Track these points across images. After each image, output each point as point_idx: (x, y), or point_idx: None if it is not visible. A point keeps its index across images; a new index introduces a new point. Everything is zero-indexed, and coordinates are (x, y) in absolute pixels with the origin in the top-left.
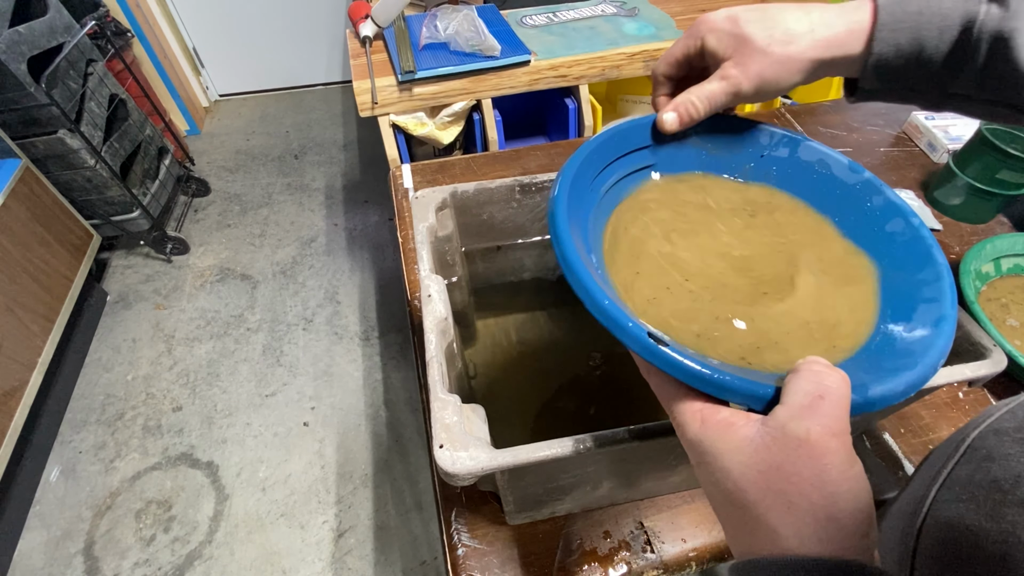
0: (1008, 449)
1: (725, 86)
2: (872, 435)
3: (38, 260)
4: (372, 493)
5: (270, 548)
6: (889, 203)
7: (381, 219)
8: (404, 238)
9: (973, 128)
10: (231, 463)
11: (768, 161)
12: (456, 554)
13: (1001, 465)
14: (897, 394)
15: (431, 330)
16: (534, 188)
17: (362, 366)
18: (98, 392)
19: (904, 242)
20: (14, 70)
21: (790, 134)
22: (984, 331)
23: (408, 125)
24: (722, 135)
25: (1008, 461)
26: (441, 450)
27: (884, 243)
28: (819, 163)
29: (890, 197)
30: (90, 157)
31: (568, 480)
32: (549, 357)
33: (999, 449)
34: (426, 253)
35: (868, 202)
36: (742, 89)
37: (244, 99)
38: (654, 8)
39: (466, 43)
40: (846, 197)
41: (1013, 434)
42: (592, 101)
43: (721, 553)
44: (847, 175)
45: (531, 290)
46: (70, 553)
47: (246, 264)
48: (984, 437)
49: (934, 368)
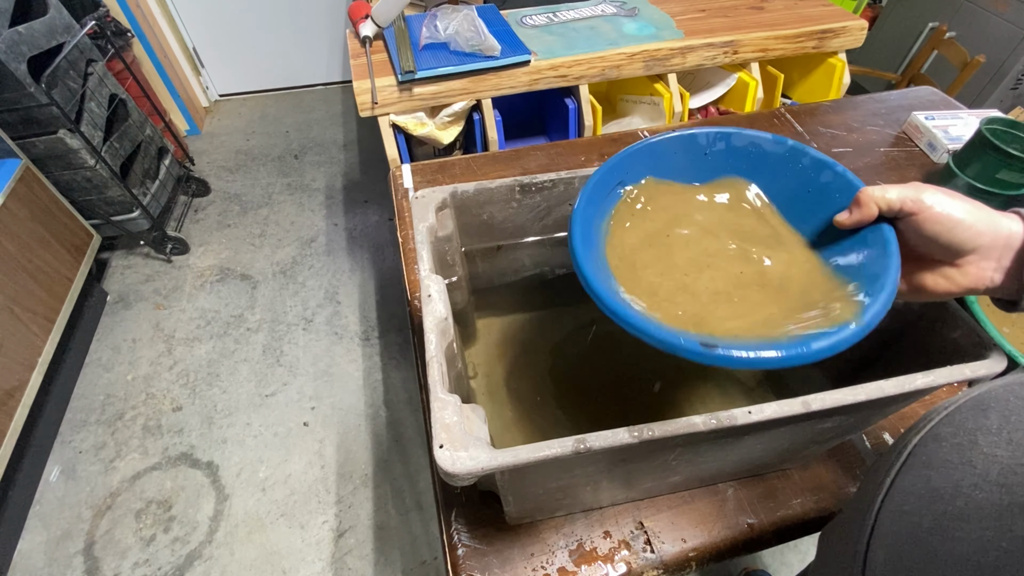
0: (947, 455)
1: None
2: (872, 435)
3: (38, 260)
4: (372, 493)
5: (270, 548)
6: (816, 160)
7: (381, 219)
8: (404, 238)
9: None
10: (231, 463)
11: (713, 157)
12: (456, 554)
13: (940, 473)
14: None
15: (431, 330)
16: (534, 188)
17: (362, 366)
18: (98, 392)
19: (839, 187)
20: (14, 70)
21: (722, 130)
22: (984, 331)
23: (408, 125)
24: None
25: (947, 468)
26: (441, 450)
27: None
28: (751, 144)
29: (815, 156)
30: (90, 157)
31: (568, 480)
32: (549, 357)
33: (937, 455)
34: (426, 253)
35: (799, 163)
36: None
37: (244, 99)
38: (654, 8)
39: (466, 43)
40: (779, 165)
41: (950, 439)
42: (592, 101)
43: (721, 553)
44: (775, 147)
45: (531, 290)
46: (70, 553)
47: (246, 264)
48: (924, 443)
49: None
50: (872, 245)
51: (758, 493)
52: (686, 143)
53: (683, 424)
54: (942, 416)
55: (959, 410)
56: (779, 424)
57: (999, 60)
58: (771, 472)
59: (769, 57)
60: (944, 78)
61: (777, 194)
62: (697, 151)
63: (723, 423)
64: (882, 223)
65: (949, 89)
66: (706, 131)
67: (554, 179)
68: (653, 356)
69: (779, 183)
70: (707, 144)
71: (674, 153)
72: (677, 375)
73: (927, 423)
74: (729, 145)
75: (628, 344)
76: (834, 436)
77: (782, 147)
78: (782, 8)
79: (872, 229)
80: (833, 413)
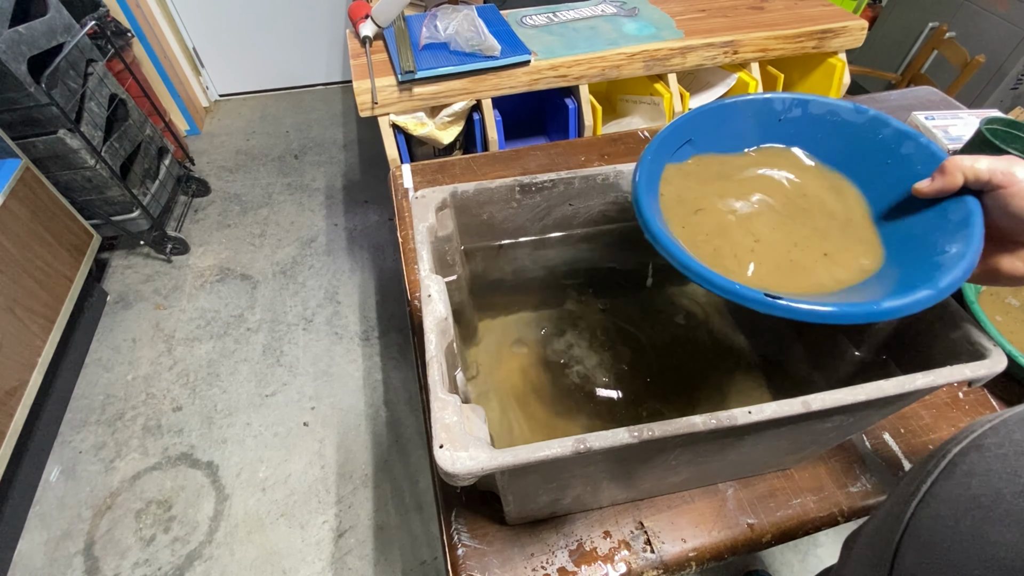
0: (990, 465)
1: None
2: (872, 435)
3: (38, 260)
4: (372, 493)
5: (270, 548)
6: (898, 131)
7: (381, 219)
8: (404, 238)
9: (973, 128)
10: (231, 463)
11: (787, 124)
12: (456, 554)
13: (982, 481)
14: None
15: (431, 330)
16: (534, 188)
17: (362, 366)
18: (98, 392)
19: (922, 158)
20: (14, 70)
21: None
22: (984, 331)
23: (408, 125)
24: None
25: (989, 477)
26: (441, 450)
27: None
28: (829, 113)
29: (898, 126)
30: (90, 157)
31: (568, 480)
32: (549, 356)
33: (980, 465)
34: (426, 253)
35: (879, 133)
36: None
37: (244, 99)
38: (654, 8)
39: (466, 43)
40: (855, 134)
41: (995, 450)
42: (592, 101)
43: (721, 553)
44: (855, 117)
45: (531, 290)
46: (70, 553)
47: (246, 264)
48: (965, 453)
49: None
50: (952, 216)
51: (758, 493)
52: (761, 107)
53: (683, 424)
54: (986, 428)
55: (1005, 423)
56: (779, 424)
57: (999, 60)
58: (771, 472)
59: (769, 57)
60: (944, 78)
61: (846, 164)
62: (771, 116)
63: (723, 423)
64: (966, 195)
65: (949, 89)
66: (782, 96)
67: (554, 179)
68: (654, 356)
69: (851, 153)
70: (783, 110)
71: (746, 117)
72: (678, 375)
73: (969, 434)
74: (805, 112)
75: (628, 344)
76: (834, 436)
77: (862, 116)
78: (782, 8)
79: (955, 200)
80: (833, 413)
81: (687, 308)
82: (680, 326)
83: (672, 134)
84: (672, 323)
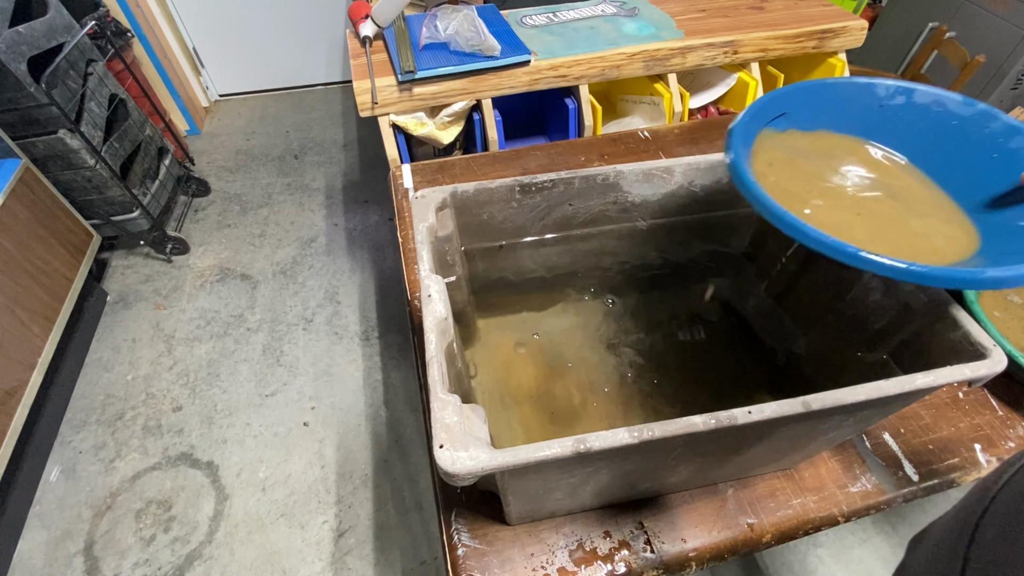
0: None
1: None
2: (872, 435)
3: (38, 260)
4: (372, 493)
5: (270, 548)
6: (1008, 125)
7: (381, 219)
8: (404, 238)
9: None
10: (231, 463)
11: (888, 110)
12: (456, 554)
13: None
14: None
15: (431, 330)
16: (534, 188)
17: (362, 366)
18: (98, 392)
19: None
20: (14, 70)
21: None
22: (984, 331)
23: (408, 125)
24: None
25: None
26: (441, 450)
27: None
28: (935, 103)
29: (1007, 120)
30: (90, 157)
31: (568, 480)
32: (549, 356)
33: None
34: (426, 253)
35: (987, 127)
36: None
37: (244, 99)
38: (654, 8)
39: (466, 43)
40: (960, 126)
41: None
42: (592, 101)
43: (721, 553)
44: (962, 108)
45: (531, 290)
46: (70, 553)
47: (246, 264)
48: None
49: None
50: None
51: (758, 493)
52: (863, 91)
53: (683, 424)
54: None
55: None
56: (779, 424)
57: (999, 60)
58: (771, 472)
59: (769, 57)
60: (944, 78)
61: (941, 154)
62: (873, 100)
63: (723, 423)
64: None
65: (949, 89)
66: (886, 83)
67: (554, 179)
68: (654, 355)
69: (950, 143)
70: (886, 96)
71: (846, 99)
72: (677, 375)
73: None
74: (909, 100)
75: (629, 344)
76: (834, 436)
77: (970, 109)
78: (782, 8)
79: None
80: (833, 413)
81: (689, 309)
82: (682, 327)
83: (771, 103)
84: (674, 324)
